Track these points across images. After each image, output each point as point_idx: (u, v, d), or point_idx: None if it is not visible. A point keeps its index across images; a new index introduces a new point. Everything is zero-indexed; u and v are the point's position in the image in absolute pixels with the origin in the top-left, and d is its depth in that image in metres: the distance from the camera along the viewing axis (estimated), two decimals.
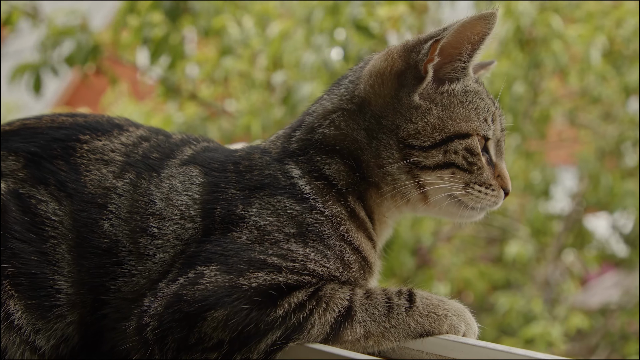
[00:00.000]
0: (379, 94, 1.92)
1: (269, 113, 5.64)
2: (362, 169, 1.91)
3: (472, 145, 1.90)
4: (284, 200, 1.82)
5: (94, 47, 5.30)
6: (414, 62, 1.91)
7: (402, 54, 1.94)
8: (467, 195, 1.92)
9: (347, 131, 1.92)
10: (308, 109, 2.04)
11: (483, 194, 1.93)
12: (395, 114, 1.90)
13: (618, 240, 7.98)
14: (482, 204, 1.94)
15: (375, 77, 1.94)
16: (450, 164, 1.89)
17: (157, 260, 1.79)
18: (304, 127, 1.98)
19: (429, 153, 1.88)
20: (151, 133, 2.00)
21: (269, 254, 1.75)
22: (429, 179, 1.89)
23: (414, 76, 1.90)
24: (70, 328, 1.79)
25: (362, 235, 1.87)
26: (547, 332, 5.81)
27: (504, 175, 1.96)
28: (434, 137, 1.88)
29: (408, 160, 1.87)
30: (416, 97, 1.89)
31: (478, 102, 1.94)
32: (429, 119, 1.88)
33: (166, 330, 1.69)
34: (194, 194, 1.84)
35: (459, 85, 1.93)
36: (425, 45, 1.90)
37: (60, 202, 1.82)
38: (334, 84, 2.05)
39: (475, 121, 1.91)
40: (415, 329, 1.72)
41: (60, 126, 1.94)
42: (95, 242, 1.80)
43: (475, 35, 1.89)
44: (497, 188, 1.94)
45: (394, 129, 1.89)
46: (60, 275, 1.78)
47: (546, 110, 6.28)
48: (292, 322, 1.68)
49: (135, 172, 1.87)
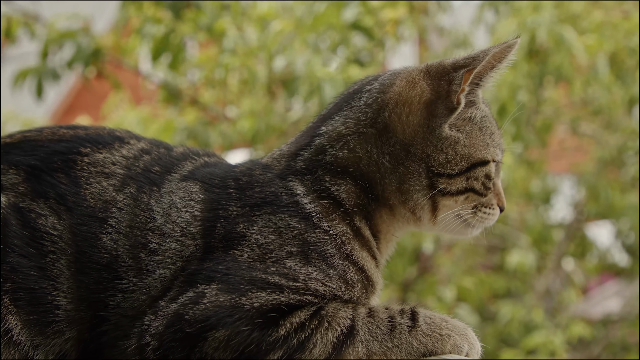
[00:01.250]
0: (406, 123, 1.90)
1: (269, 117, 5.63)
2: (377, 191, 1.90)
3: (490, 171, 1.93)
4: (286, 218, 1.80)
5: (95, 50, 5.29)
6: (444, 92, 1.90)
7: (429, 81, 1.92)
8: (474, 216, 1.94)
9: (363, 154, 1.90)
10: (317, 127, 1.98)
11: (487, 215, 1.95)
12: (426, 143, 1.89)
13: (619, 250, 7.98)
14: (484, 223, 1.97)
15: (403, 106, 1.91)
16: (469, 189, 1.91)
17: (157, 277, 1.76)
18: (313, 148, 1.94)
19: (454, 180, 1.89)
20: (152, 146, 1.97)
21: (271, 272, 1.73)
22: (446, 203, 1.91)
23: (445, 107, 1.90)
24: (69, 344, 1.76)
25: (366, 254, 1.86)
26: (549, 341, 5.80)
27: (501, 194, 1.99)
28: (462, 166, 1.89)
29: (437, 188, 1.89)
30: (446, 127, 1.89)
31: (490, 126, 1.96)
32: (458, 148, 1.89)
33: (167, 350, 1.68)
34: (194, 211, 1.82)
35: (477, 110, 1.95)
36: (456, 74, 1.89)
37: (59, 216, 1.80)
38: (346, 104, 1.99)
39: (491, 147, 1.94)
40: (418, 349, 1.71)
41: (61, 139, 1.91)
42: (95, 257, 1.77)
43: (495, 61, 1.92)
44: (496, 207, 1.97)
45: (424, 158, 1.88)
46: (60, 291, 1.76)
47: (549, 120, 6.28)
48: (294, 342, 1.67)
49: (136, 186, 1.85)
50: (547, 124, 6.25)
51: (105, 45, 5.47)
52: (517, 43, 1.92)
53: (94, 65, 5.34)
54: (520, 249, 6.67)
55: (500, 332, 6.95)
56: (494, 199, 1.96)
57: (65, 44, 5.24)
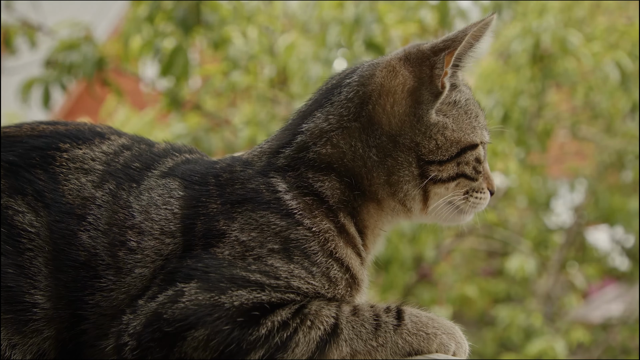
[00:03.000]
0: (391, 113, 1.87)
1: (272, 125, 5.63)
2: (364, 186, 1.87)
3: (480, 155, 1.92)
4: (268, 215, 1.77)
5: (99, 59, 5.28)
6: (427, 78, 1.87)
7: (410, 68, 1.89)
8: (466, 202, 1.93)
9: (347, 149, 1.87)
10: (298, 125, 1.95)
11: (479, 199, 1.94)
12: (414, 132, 1.86)
13: (620, 254, 7.99)
14: (477, 209, 1.96)
15: (386, 97, 1.88)
16: (461, 175, 1.90)
17: (136, 275, 1.73)
18: (295, 145, 1.90)
19: (445, 166, 1.87)
20: (133, 142, 1.94)
21: (252, 270, 1.69)
22: (437, 191, 1.89)
23: (430, 92, 1.87)
24: (47, 343, 1.73)
25: (351, 251, 1.82)
26: (550, 347, 5.79)
27: (490, 177, 1.98)
28: (452, 151, 1.87)
29: (429, 177, 1.86)
30: (433, 113, 1.87)
31: (474, 108, 1.94)
32: (447, 134, 1.87)
33: (145, 350, 1.64)
34: (173, 208, 1.78)
35: (460, 94, 1.92)
36: (436, 58, 1.86)
37: (37, 212, 1.76)
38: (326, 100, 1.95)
39: (478, 129, 1.92)
40: (404, 348, 1.67)
41: (40, 134, 1.87)
42: (72, 254, 1.73)
43: (473, 40, 1.90)
44: (486, 190, 1.96)
45: (413, 147, 1.86)
46: (37, 289, 1.72)
47: (550, 124, 6.28)
48: (276, 341, 1.63)
49: (115, 182, 1.81)
50: (548, 129, 6.25)
51: (109, 54, 5.46)
52: (494, 19, 1.89)
53: (97, 74, 5.33)
54: (520, 254, 6.66)
55: (500, 336, 6.94)
56: (484, 183, 1.95)
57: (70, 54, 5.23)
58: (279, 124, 5.68)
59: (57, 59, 5.22)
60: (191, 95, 6.22)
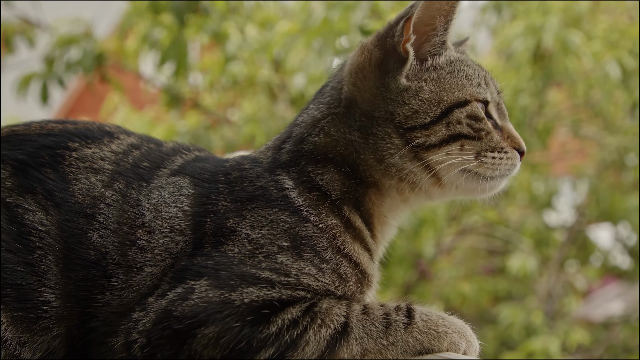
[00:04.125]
0: (363, 89, 1.88)
1: (272, 121, 5.63)
2: (360, 172, 1.86)
3: (474, 111, 1.85)
4: (277, 212, 1.77)
5: (98, 55, 5.27)
6: (391, 47, 1.87)
7: (376, 43, 1.90)
8: (481, 165, 1.85)
9: (339, 136, 1.87)
10: (295, 119, 1.99)
11: (498, 159, 1.86)
12: (386, 101, 1.85)
13: (621, 252, 7.97)
14: (500, 171, 1.87)
15: (356, 74, 1.89)
16: (457, 136, 1.83)
17: (147, 274, 1.73)
18: (293, 139, 1.92)
19: (431, 130, 1.82)
20: (142, 141, 1.95)
21: (262, 268, 1.69)
22: (437, 158, 1.82)
23: (395, 60, 1.86)
24: (57, 341, 1.73)
25: (359, 247, 1.82)
26: (546, 348, 5.79)
27: (514, 135, 1.91)
28: (433, 112, 1.82)
29: (411, 143, 1.82)
30: (403, 79, 1.85)
31: (466, 69, 1.90)
32: (423, 96, 1.83)
33: (155, 348, 1.64)
34: (183, 206, 1.79)
35: (442, 57, 1.90)
36: (397, 27, 1.86)
37: (47, 211, 1.77)
38: (318, 93, 2.00)
39: (469, 87, 1.87)
40: (414, 346, 1.66)
41: (49, 133, 1.88)
42: (83, 253, 1.74)
43: (446, 6, 1.86)
44: (510, 150, 1.88)
45: (388, 117, 1.84)
46: (47, 287, 1.72)
47: (550, 122, 6.27)
48: (286, 340, 1.62)
49: (125, 182, 1.81)
50: (549, 127, 6.24)
51: (109, 50, 5.46)
52: None
53: (97, 70, 5.32)
54: (521, 253, 6.65)
55: (501, 334, 6.94)
56: (503, 142, 1.87)
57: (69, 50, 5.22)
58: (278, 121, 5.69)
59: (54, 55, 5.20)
60: (190, 93, 6.21)
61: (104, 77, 5.43)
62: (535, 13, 5.21)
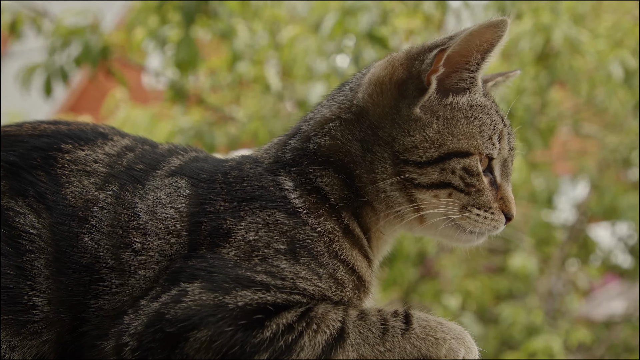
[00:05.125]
0: (377, 103, 1.83)
1: (277, 119, 5.62)
2: (356, 185, 1.82)
3: (471, 165, 1.79)
4: (275, 214, 1.73)
5: (103, 48, 5.21)
6: (416, 72, 1.81)
7: (404, 62, 1.84)
8: (464, 218, 1.81)
9: (342, 142, 1.83)
10: (306, 115, 1.95)
11: (482, 218, 1.82)
12: (393, 125, 1.80)
13: (623, 251, 7.98)
14: (480, 229, 1.83)
15: (375, 86, 1.84)
16: (447, 184, 1.79)
17: (141, 277, 1.70)
18: (299, 135, 1.89)
19: (424, 170, 1.78)
20: (137, 143, 1.91)
21: (258, 271, 1.66)
22: (424, 198, 1.79)
23: (416, 87, 1.81)
24: (46, 346, 1.70)
25: (357, 253, 1.78)
26: (548, 347, 5.79)
27: (507, 198, 1.85)
28: (431, 153, 1.77)
29: (402, 176, 1.78)
30: (417, 109, 1.79)
31: (484, 118, 1.83)
32: (428, 133, 1.78)
33: (146, 351, 1.61)
34: (180, 207, 1.75)
35: (465, 97, 1.83)
36: (429, 54, 1.79)
37: (39, 214, 1.73)
38: (336, 90, 1.96)
39: (479, 139, 1.80)
40: (412, 353, 1.64)
41: (42, 134, 1.84)
42: (75, 257, 1.70)
43: (485, 43, 1.79)
44: (498, 212, 1.83)
45: (389, 141, 1.79)
46: (37, 291, 1.69)
47: (553, 121, 6.27)
48: (280, 345, 1.59)
49: (118, 184, 1.78)
50: (551, 126, 6.24)
51: (114, 43, 5.42)
52: (504, 22, 1.79)
53: (102, 63, 5.27)
54: (522, 252, 6.66)
55: (502, 334, 6.94)
56: (493, 202, 1.82)
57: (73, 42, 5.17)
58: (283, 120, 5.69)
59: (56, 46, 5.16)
60: (195, 89, 6.20)
61: (109, 71, 5.40)
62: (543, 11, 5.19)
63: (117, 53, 5.49)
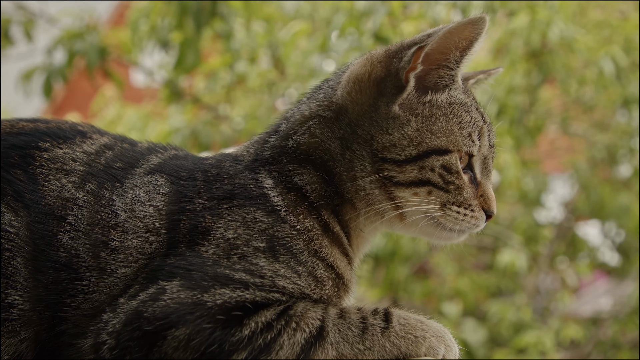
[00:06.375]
0: (356, 101, 1.82)
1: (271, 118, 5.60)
2: (336, 182, 1.81)
3: (450, 163, 1.79)
4: (254, 211, 1.73)
5: (101, 49, 5.19)
6: (394, 70, 1.80)
7: (382, 59, 1.83)
8: (444, 216, 1.81)
9: (322, 140, 1.83)
10: (286, 112, 1.95)
11: (462, 215, 1.82)
12: (372, 123, 1.79)
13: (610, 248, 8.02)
14: (460, 226, 1.83)
15: (354, 84, 1.84)
16: (426, 182, 1.78)
17: (119, 276, 1.69)
18: (279, 133, 1.88)
19: (403, 168, 1.78)
20: (116, 141, 1.89)
21: (236, 269, 1.65)
22: (403, 196, 1.79)
23: (394, 85, 1.80)
24: (24, 345, 1.68)
25: (337, 251, 1.78)
26: (540, 342, 5.81)
27: (488, 196, 1.85)
28: (409, 151, 1.77)
29: (380, 174, 1.77)
30: (396, 107, 1.79)
31: (464, 115, 1.83)
32: (407, 131, 1.78)
33: (124, 350, 1.60)
34: (159, 205, 1.74)
35: (444, 95, 1.82)
36: (408, 52, 1.79)
37: (16, 213, 1.72)
38: (316, 87, 1.96)
39: (458, 136, 1.80)
40: (391, 351, 1.63)
41: (20, 132, 1.83)
42: (53, 255, 1.69)
43: (464, 40, 1.79)
44: (478, 209, 1.83)
45: (368, 140, 1.79)
46: (14, 289, 1.68)
47: (541, 119, 6.29)
48: (259, 343, 1.59)
49: (97, 182, 1.76)
50: (539, 124, 6.26)
51: (111, 44, 5.39)
52: (483, 20, 1.78)
53: (99, 64, 5.23)
54: (511, 249, 6.68)
55: (491, 331, 6.96)
56: (473, 199, 1.82)
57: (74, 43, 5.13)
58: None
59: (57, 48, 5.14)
60: (190, 88, 6.17)
61: (106, 72, 5.35)
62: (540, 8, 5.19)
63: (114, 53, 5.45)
